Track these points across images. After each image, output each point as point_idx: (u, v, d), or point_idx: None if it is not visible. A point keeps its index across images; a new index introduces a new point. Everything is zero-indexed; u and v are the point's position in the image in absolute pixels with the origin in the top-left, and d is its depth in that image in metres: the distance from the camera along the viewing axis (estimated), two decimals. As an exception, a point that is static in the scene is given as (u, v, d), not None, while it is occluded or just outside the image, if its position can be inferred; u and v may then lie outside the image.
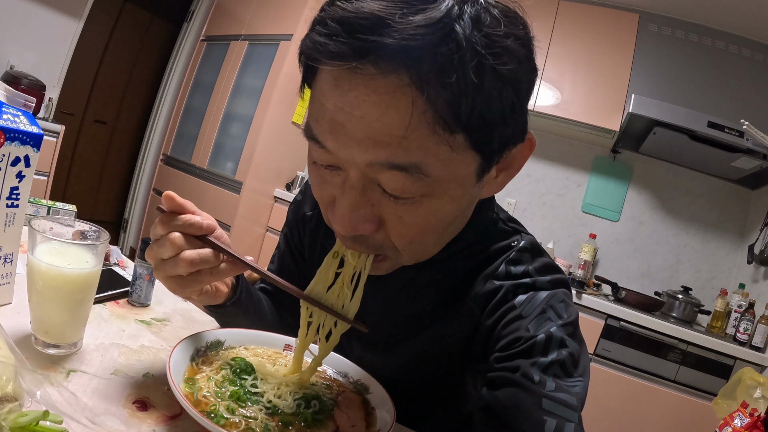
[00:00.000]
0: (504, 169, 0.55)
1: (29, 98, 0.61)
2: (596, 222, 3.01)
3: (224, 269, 0.57)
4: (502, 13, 0.46)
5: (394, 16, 0.41)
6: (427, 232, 0.53)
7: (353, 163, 0.47)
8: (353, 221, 0.49)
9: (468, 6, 0.43)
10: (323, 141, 0.48)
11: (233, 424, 0.49)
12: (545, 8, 2.84)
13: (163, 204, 0.54)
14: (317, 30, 0.45)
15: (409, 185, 0.47)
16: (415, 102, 0.43)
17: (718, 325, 2.52)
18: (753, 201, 2.78)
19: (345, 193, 0.49)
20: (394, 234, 0.51)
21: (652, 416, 2.26)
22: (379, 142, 0.44)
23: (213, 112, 3.29)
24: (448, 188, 0.49)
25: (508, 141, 0.51)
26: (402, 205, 0.49)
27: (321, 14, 0.46)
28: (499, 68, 0.44)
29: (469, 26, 0.43)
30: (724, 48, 2.61)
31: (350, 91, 0.44)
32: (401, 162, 0.45)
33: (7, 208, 0.62)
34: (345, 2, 0.44)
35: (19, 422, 0.40)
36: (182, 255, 0.53)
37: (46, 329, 0.58)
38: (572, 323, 0.58)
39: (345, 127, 0.45)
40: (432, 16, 0.41)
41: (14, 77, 2.68)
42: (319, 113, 0.48)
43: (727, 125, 2.29)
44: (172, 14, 3.83)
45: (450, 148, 0.45)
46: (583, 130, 2.79)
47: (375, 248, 0.54)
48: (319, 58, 0.45)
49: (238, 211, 2.97)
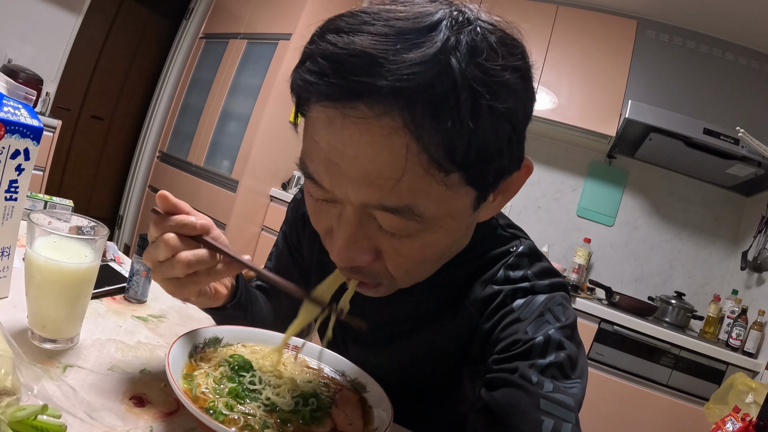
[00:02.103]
0: (501, 193, 0.54)
1: (30, 91, 0.61)
2: (591, 226, 3.02)
3: (221, 269, 0.57)
4: (499, 41, 0.44)
5: (387, 54, 0.40)
6: (423, 262, 0.53)
7: (348, 200, 0.46)
8: (350, 253, 0.49)
9: (464, 35, 0.42)
10: (318, 179, 0.47)
11: (232, 420, 0.49)
12: (544, 13, 2.85)
13: (157, 204, 0.54)
14: (307, 66, 0.44)
15: (403, 224, 0.46)
16: (409, 145, 0.41)
17: (710, 330, 2.54)
18: (747, 208, 2.80)
19: (342, 227, 0.48)
20: (391, 264, 0.51)
21: (645, 420, 2.27)
22: (373, 184, 0.43)
23: (210, 110, 3.28)
24: (443, 223, 0.48)
25: (504, 172, 0.50)
26: (398, 238, 0.48)
27: (311, 47, 0.45)
28: (495, 106, 0.43)
29: (465, 59, 0.41)
30: (720, 56, 2.63)
31: (343, 131, 0.43)
32: (394, 205, 0.44)
33: (5, 201, 0.61)
34: (335, 36, 0.42)
35: (17, 416, 0.40)
36: (178, 256, 0.52)
37: (43, 324, 0.58)
38: (570, 326, 0.59)
39: (339, 166, 0.44)
40: (427, 52, 0.40)
41: (12, 71, 2.66)
42: (313, 151, 0.47)
43: (722, 132, 2.30)
44: (171, 11, 3.82)
45: (444, 186, 0.44)
46: (580, 134, 2.80)
47: (371, 276, 0.53)
48: (309, 98, 0.45)
49: (234, 210, 2.96)
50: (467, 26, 0.43)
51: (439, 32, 0.41)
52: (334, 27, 0.44)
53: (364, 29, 0.41)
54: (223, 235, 0.59)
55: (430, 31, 0.41)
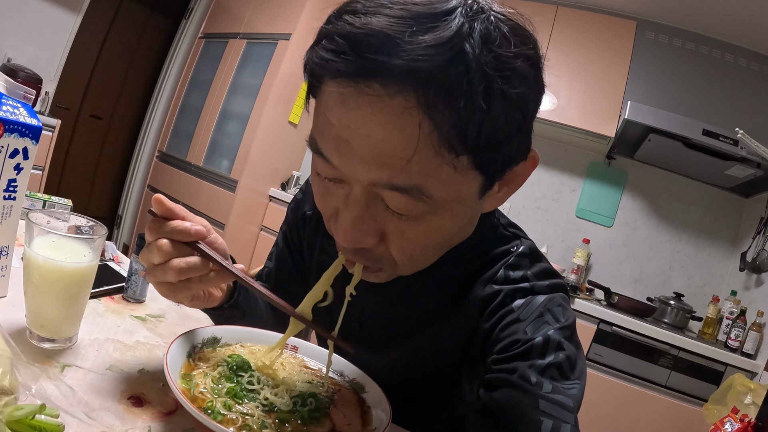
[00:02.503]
0: (506, 184, 0.55)
1: (29, 90, 0.61)
2: (590, 227, 3.02)
3: (214, 277, 0.57)
4: (512, 30, 0.45)
5: (403, 35, 0.40)
6: (427, 247, 0.53)
7: (357, 179, 0.46)
8: (356, 235, 0.49)
9: (478, 23, 0.42)
10: (328, 156, 0.47)
11: (230, 420, 0.49)
12: (544, 13, 2.85)
13: (153, 207, 0.54)
14: (323, 45, 0.44)
15: (411, 205, 0.46)
16: (422, 124, 0.42)
17: (709, 331, 2.54)
18: (746, 209, 2.80)
19: (348, 207, 0.48)
20: (396, 248, 0.51)
21: (643, 421, 2.27)
22: (383, 163, 0.44)
23: (209, 110, 3.28)
24: (450, 207, 0.48)
25: (511, 160, 0.50)
26: (405, 220, 0.48)
27: (327, 27, 0.45)
28: (508, 91, 0.43)
29: (479, 45, 0.42)
30: (720, 57, 2.63)
31: (356, 109, 0.43)
32: (403, 184, 0.45)
33: (4, 200, 0.61)
34: (353, 17, 0.43)
35: (15, 416, 0.40)
36: (170, 263, 0.53)
37: (41, 323, 0.58)
38: (569, 327, 0.59)
39: (350, 144, 0.44)
40: (442, 35, 0.40)
41: (11, 70, 2.66)
42: (324, 128, 0.47)
43: (721, 133, 2.30)
44: (171, 11, 3.81)
45: (453, 169, 0.45)
46: (579, 135, 2.80)
47: (374, 260, 0.54)
48: (324, 75, 0.45)
49: (233, 210, 2.96)
50: (481, 14, 0.43)
51: (454, 18, 0.42)
52: (351, 9, 0.44)
53: (381, 11, 0.42)
54: (221, 238, 0.59)
55: (446, 16, 0.42)
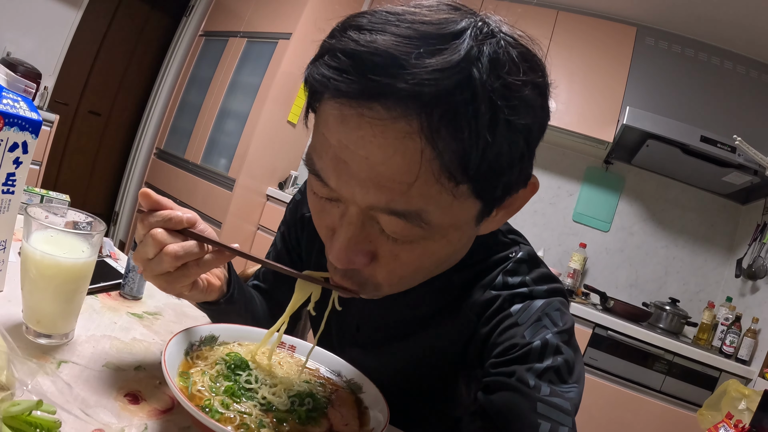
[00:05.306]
0: (504, 209, 0.53)
1: (30, 84, 0.61)
2: (587, 231, 3.02)
3: (211, 259, 0.56)
4: (521, 56, 0.44)
5: (410, 56, 0.39)
6: (418, 271, 0.52)
7: (354, 201, 0.46)
8: (349, 255, 0.48)
9: (487, 47, 0.41)
10: (325, 177, 0.46)
11: (228, 419, 0.48)
12: (544, 18, 2.86)
13: (140, 201, 0.54)
14: (325, 61, 0.43)
15: (408, 230, 0.45)
16: (423, 151, 0.40)
17: (704, 337, 2.55)
18: (742, 216, 2.81)
19: (344, 227, 0.48)
20: (386, 270, 0.50)
21: (637, 426, 2.27)
22: (382, 187, 0.43)
23: (208, 108, 3.27)
24: (446, 233, 0.48)
25: (512, 188, 0.49)
26: (399, 244, 0.47)
27: (331, 41, 0.43)
28: (513, 121, 0.42)
29: (487, 71, 0.40)
30: (719, 64, 2.64)
31: (356, 130, 0.42)
32: (401, 209, 0.43)
33: (2, 194, 0.61)
34: (357, 33, 0.41)
35: (11, 411, 0.39)
36: (166, 249, 0.52)
37: (38, 318, 0.57)
38: (567, 331, 0.59)
39: (348, 165, 0.43)
40: (449, 59, 0.39)
41: (10, 64, 2.65)
42: (323, 148, 0.46)
43: (719, 140, 2.31)
44: (171, 8, 3.81)
45: (453, 196, 0.44)
46: (577, 140, 2.81)
47: (359, 284, 0.53)
48: (325, 93, 0.44)
49: (230, 209, 2.95)
50: (491, 38, 0.42)
51: (462, 41, 0.40)
52: (356, 24, 0.43)
53: (387, 29, 0.41)
54: (210, 228, 0.59)
55: (454, 38, 0.40)
